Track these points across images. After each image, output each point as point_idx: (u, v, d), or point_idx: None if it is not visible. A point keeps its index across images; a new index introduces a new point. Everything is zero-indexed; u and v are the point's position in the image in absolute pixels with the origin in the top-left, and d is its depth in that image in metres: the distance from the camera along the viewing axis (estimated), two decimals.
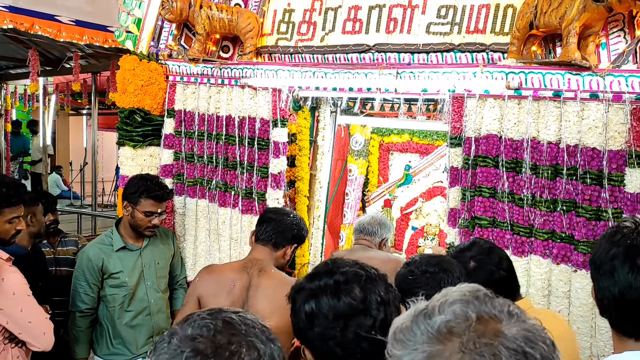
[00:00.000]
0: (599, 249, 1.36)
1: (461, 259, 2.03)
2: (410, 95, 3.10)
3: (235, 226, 3.63)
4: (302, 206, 4.17)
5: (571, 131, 2.53)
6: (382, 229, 3.28)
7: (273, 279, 2.44)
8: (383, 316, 1.23)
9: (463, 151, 2.85)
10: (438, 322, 0.81)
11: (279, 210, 2.65)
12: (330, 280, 1.25)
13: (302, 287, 1.29)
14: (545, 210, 2.61)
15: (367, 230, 3.26)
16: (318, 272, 1.30)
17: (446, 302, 0.84)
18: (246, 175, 3.56)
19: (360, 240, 3.27)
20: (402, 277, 1.85)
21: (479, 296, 0.84)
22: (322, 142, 4.28)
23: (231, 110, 3.61)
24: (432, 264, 1.82)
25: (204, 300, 2.40)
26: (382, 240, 3.29)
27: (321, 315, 1.22)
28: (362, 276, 1.26)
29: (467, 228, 2.86)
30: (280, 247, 2.51)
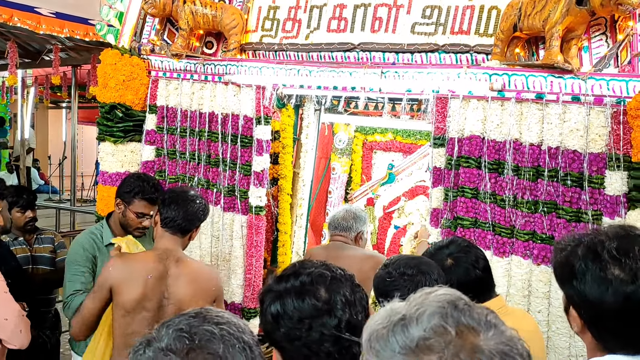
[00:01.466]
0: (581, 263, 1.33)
1: (439, 255, 2.04)
2: (394, 94, 3.10)
3: (217, 224, 3.61)
4: (284, 204, 4.16)
5: (553, 133, 2.56)
6: (357, 223, 3.22)
7: (191, 267, 2.51)
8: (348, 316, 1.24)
9: (446, 151, 2.87)
10: (416, 337, 0.80)
11: (183, 194, 2.58)
12: (296, 282, 1.26)
13: (269, 289, 1.30)
14: (527, 212, 2.64)
15: (341, 226, 3.21)
16: (285, 273, 1.32)
17: (424, 312, 0.82)
18: (229, 172, 3.54)
19: (336, 236, 3.23)
20: (379, 279, 1.86)
21: (458, 305, 0.83)
22: (306, 140, 4.27)
23: (214, 107, 3.59)
24: (410, 265, 1.83)
25: (117, 289, 2.39)
26: (358, 234, 3.22)
27: (286, 316, 1.23)
28: (328, 277, 1.27)
29: (449, 228, 2.87)
30: (187, 233, 2.55)
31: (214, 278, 2.59)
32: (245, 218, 3.51)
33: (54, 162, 12.49)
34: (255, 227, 3.46)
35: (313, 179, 4.50)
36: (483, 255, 2.07)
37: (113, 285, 2.41)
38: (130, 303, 2.39)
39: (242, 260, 3.54)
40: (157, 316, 2.42)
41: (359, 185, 5.51)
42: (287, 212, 4.17)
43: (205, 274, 2.55)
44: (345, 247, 3.17)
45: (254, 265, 3.49)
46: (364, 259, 3.06)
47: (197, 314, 0.99)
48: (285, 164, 4.13)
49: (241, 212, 3.51)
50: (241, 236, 3.53)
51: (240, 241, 3.53)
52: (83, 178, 12.22)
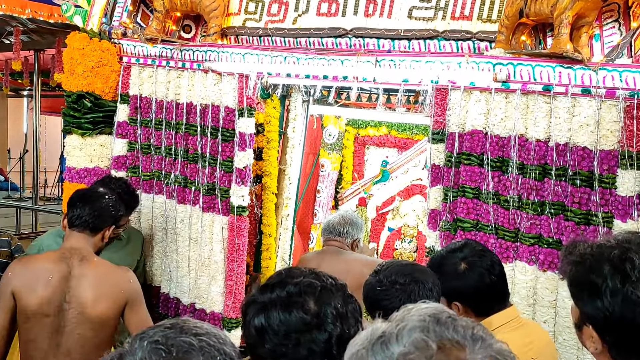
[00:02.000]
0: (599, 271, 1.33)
1: (451, 259, 2.05)
2: (389, 85, 3.10)
3: (195, 225, 3.60)
4: (269, 204, 4.15)
5: (561, 129, 2.57)
6: (353, 229, 3.27)
7: (97, 267, 2.51)
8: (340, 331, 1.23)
9: (446, 147, 2.87)
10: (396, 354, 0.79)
11: (89, 192, 2.68)
12: (282, 292, 1.25)
13: (252, 300, 1.29)
14: (532, 213, 2.65)
15: (337, 231, 3.25)
16: (270, 283, 1.30)
17: (404, 327, 0.82)
18: (208, 169, 3.52)
19: (331, 241, 3.25)
20: (369, 287, 1.85)
21: (440, 319, 0.82)
22: (293, 134, 4.26)
23: (192, 97, 3.57)
24: (403, 273, 1.82)
25: (18, 295, 2.39)
26: (354, 241, 3.28)
27: (271, 330, 1.22)
28: (317, 287, 1.26)
29: (448, 231, 2.88)
30: (98, 231, 2.56)
31: (125, 280, 2.57)
32: (226, 219, 3.50)
33: (14, 157, 12.35)
34: (237, 229, 3.45)
35: (300, 176, 4.49)
36: (498, 261, 2.09)
37: (14, 291, 2.40)
38: (31, 308, 2.37)
39: (223, 266, 3.52)
40: (57, 322, 2.41)
41: (350, 184, 5.52)
42: (271, 213, 4.16)
43: (113, 276, 2.54)
44: (342, 252, 3.21)
45: (235, 271, 3.48)
46: (365, 263, 3.07)
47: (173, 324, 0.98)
48: (270, 160, 4.12)
49: (222, 212, 3.50)
50: (222, 239, 3.51)
51: (220, 244, 3.52)
52: (46, 174, 12.09)
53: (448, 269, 2.03)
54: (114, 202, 2.64)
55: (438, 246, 2.94)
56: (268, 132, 4.12)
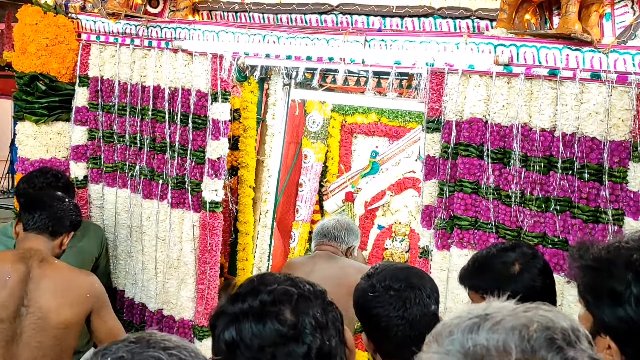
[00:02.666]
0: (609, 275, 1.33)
1: (504, 257, 2.06)
2: (379, 67, 3.09)
3: (163, 223, 3.58)
4: (246, 199, 4.14)
5: (568, 117, 2.58)
6: (349, 235, 3.30)
7: (59, 270, 2.54)
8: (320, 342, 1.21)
9: (442, 137, 2.87)
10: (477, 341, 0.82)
11: (50, 194, 2.74)
12: (254, 302, 1.23)
13: (222, 311, 1.27)
14: (536, 210, 2.66)
15: (332, 235, 3.27)
16: (241, 291, 1.28)
17: (508, 322, 0.84)
18: (178, 160, 3.50)
19: (324, 245, 3.27)
20: (360, 292, 1.85)
21: (554, 338, 0.81)
22: (272, 121, 4.25)
23: (160, 80, 3.54)
24: (398, 278, 1.81)
25: None
26: (349, 249, 3.31)
27: (244, 344, 1.20)
28: (294, 295, 1.24)
29: (444, 229, 2.89)
30: (58, 236, 2.61)
31: (89, 284, 2.60)
32: (197, 216, 3.48)
33: None
34: (210, 227, 3.43)
35: (281, 168, 4.49)
36: (548, 264, 2.12)
37: None
38: None
39: (194, 268, 3.51)
40: (13, 329, 2.40)
41: (336, 177, 5.52)
42: (248, 209, 4.15)
43: (77, 279, 2.57)
44: (336, 257, 3.22)
45: (207, 274, 3.46)
46: (361, 270, 3.07)
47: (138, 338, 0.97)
48: (247, 150, 4.11)
49: (192, 208, 3.48)
50: (192, 238, 3.49)
51: (191, 244, 3.50)
52: None
53: (498, 269, 2.04)
54: (74, 206, 2.70)
55: (432, 246, 2.95)
56: (245, 119, 4.10)
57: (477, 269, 2.10)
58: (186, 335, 3.52)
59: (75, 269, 2.65)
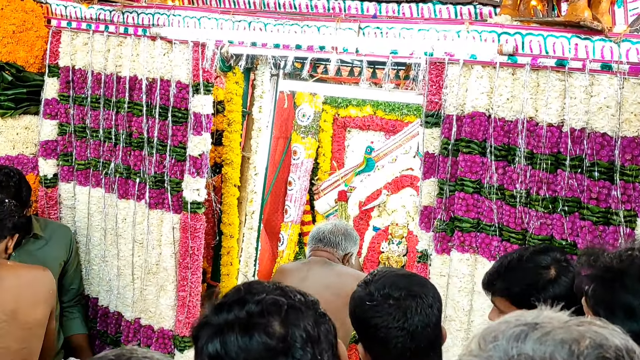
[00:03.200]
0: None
1: (539, 260, 2.08)
2: (375, 57, 3.10)
3: (141, 225, 3.57)
4: (230, 198, 4.14)
5: (577, 111, 2.59)
6: (346, 241, 3.31)
7: (14, 269, 2.59)
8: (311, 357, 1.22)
9: (442, 133, 2.88)
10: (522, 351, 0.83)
11: None
12: (241, 312, 1.23)
13: (205, 322, 1.27)
14: (543, 211, 2.68)
15: (328, 240, 3.28)
16: (227, 301, 1.28)
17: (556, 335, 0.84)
18: (156, 157, 3.50)
19: (319, 251, 3.28)
20: (357, 301, 1.85)
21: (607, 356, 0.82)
22: (259, 114, 4.24)
23: (137, 70, 3.53)
24: (398, 286, 1.82)
25: None
26: (347, 255, 3.32)
27: (228, 358, 1.21)
28: (283, 305, 1.25)
29: (444, 232, 2.90)
30: (2, 239, 2.64)
31: (49, 279, 2.68)
32: (177, 217, 3.48)
33: None
34: (192, 230, 3.43)
35: (268, 165, 4.48)
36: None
37: None
38: None
39: (174, 273, 3.51)
40: None
41: (328, 174, 5.51)
42: (233, 210, 4.14)
43: (36, 276, 2.64)
44: (332, 264, 3.22)
45: (189, 280, 3.46)
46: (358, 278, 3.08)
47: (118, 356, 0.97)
48: (232, 145, 4.10)
49: (172, 209, 3.48)
50: (172, 241, 3.49)
51: (170, 248, 3.50)
52: None
53: (531, 274, 2.05)
54: (17, 208, 2.74)
55: (431, 249, 2.96)
56: (229, 112, 4.09)
57: (508, 273, 2.11)
58: (166, 346, 3.52)
59: (30, 266, 2.71)
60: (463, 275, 2.85)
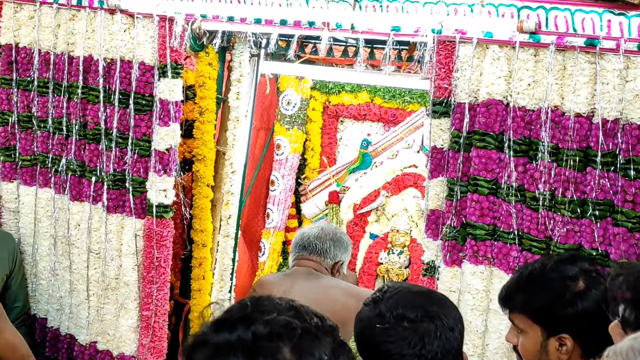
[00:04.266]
0: None
1: (562, 272, 2.08)
2: (373, 35, 3.10)
3: (97, 232, 3.56)
4: (203, 201, 4.12)
5: (610, 99, 2.59)
6: (336, 248, 3.29)
7: None
8: None
9: (451, 124, 2.88)
10: None
11: None
12: (246, 333, 1.22)
13: (202, 340, 1.26)
14: (570, 216, 2.68)
15: (314, 247, 3.26)
16: (230, 317, 1.27)
17: None
18: (116, 151, 3.48)
19: (304, 260, 3.26)
20: (366, 323, 1.84)
21: None
22: (236, 101, 4.22)
23: (93, 49, 3.52)
24: (413, 305, 1.81)
25: None
26: (336, 264, 3.31)
27: None
28: (297, 329, 1.23)
29: (454, 240, 2.90)
30: None
31: None
32: (141, 223, 3.47)
33: None
34: (158, 237, 3.42)
35: (247, 162, 4.47)
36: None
37: None
38: None
39: (136, 289, 3.49)
40: None
41: (318, 172, 5.51)
42: (206, 214, 4.13)
43: None
44: (319, 275, 3.20)
45: (154, 297, 3.45)
46: (351, 292, 3.09)
47: None
48: (204, 138, 4.08)
49: (135, 213, 3.47)
50: (135, 251, 3.48)
51: (133, 259, 3.49)
52: None
53: (556, 287, 2.05)
54: None
55: (439, 261, 2.96)
56: (201, 99, 4.07)
57: (529, 285, 2.11)
58: None
59: None
60: (477, 291, 2.85)
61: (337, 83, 5.39)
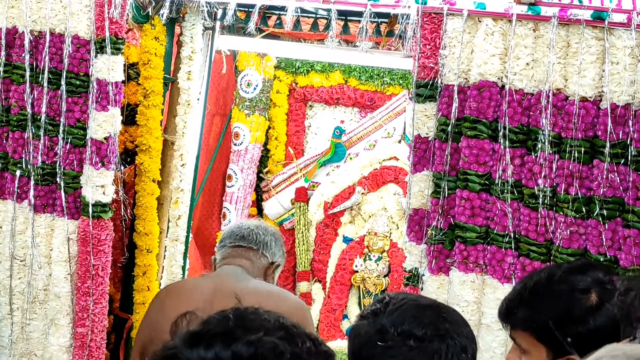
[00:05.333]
0: None
1: (572, 283, 2.08)
2: (348, 5, 3.12)
3: (22, 235, 3.54)
4: (147, 198, 4.11)
5: (620, 81, 2.62)
6: (276, 245, 3.19)
7: None
8: None
9: (438, 109, 2.89)
10: None
11: None
12: (224, 352, 1.21)
13: (172, 355, 1.25)
14: (574, 216, 2.70)
15: (254, 238, 3.13)
16: (208, 331, 1.26)
17: None
18: (44, 141, 3.45)
19: (237, 256, 3.10)
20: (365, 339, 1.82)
21: None
22: (187, 82, 4.22)
23: (17, 20, 3.49)
24: (422, 321, 1.79)
25: None
26: (272, 266, 3.17)
27: None
28: (285, 354, 1.24)
29: (441, 244, 2.91)
30: None
31: None
32: (74, 224, 3.45)
33: None
34: (95, 242, 3.40)
35: (200, 153, 4.46)
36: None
37: None
38: None
39: (69, 302, 3.47)
40: None
41: (282, 166, 5.50)
42: (151, 214, 4.12)
43: None
44: (245, 277, 3.05)
45: (90, 311, 3.42)
46: (291, 302, 3.02)
47: None
48: (150, 125, 4.07)
49: (68, 213, 3.44)
50: (67, 258, 3.46)
51: (64, 267, 3.46)
52: None
53: (565, 300, 2.05)
54: None
55: (424, 268, 2.97)
56: (146, 80, 4.05)
57: (533, 298, 2.12)
58: None
59: None
60: (466, 302, 2.86)
61: (305, 61, 5.37)
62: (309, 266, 5.31)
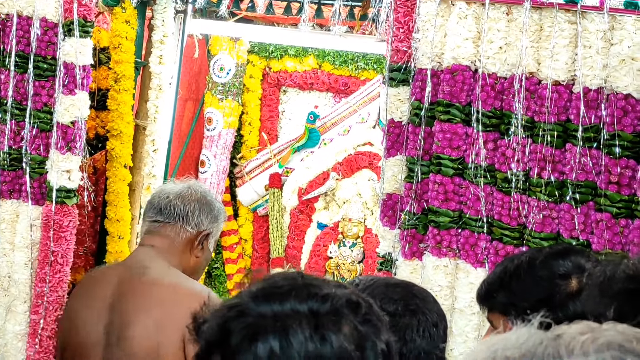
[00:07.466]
0: None
1: (553, 268, 2.08)
2: None
3: None
4: (119, 184, 4.09)
5: (593, 65, 2.63)
6: (202, 213, 2.92)
7: None
8: None
9: (411, 93, 2.89)
10: None
11: None
12: (302, 307, 1.23)
13: (241, 311, 1.24)
14: (547, 200, 2.71)
15: (171, 210, 2.89)
16: (276, 285, 1.26)
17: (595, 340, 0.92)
18: (11, 125, 3.42)
19: (154, 233, 2.92)
20: None
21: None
22: (159, 67, 4.20)
23: None
24: (392, 298, 1.82)
25: None
26: (199, 235, 2.92)
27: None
28: (360, 306, 1.26)
29: (414, 229, 2.92)
30: None
31: None
32: (38, 210, 3.42)
33: None
34: (56, 228, 3.38)
35: (172, 138, 4.44)
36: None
37: None
38: None
39: (27, 289, 3.43)
40: None
41: (256, 151, 5.50)
42: (123, 201, 4.10)
43: None
44: (153, 263, 2.83)
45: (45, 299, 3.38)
46: (176, 290, 2.78)
47: None
48: (120, 110, 4.05)
49: (33, 199, 3.42)
50: (29, 244, 3.43)
51: (26, 253, 3.43)
52: None
53: (545, 285, 2.05)
54: None
55: (397, 253, 2.97)
56: (116, 64, 4.03)
57: (514, 282, 2.12)
58: None
59: None
60: (440, 287, 2.87)
61: (278, 46, 5.36)
62: (283, 252, 5.32)
